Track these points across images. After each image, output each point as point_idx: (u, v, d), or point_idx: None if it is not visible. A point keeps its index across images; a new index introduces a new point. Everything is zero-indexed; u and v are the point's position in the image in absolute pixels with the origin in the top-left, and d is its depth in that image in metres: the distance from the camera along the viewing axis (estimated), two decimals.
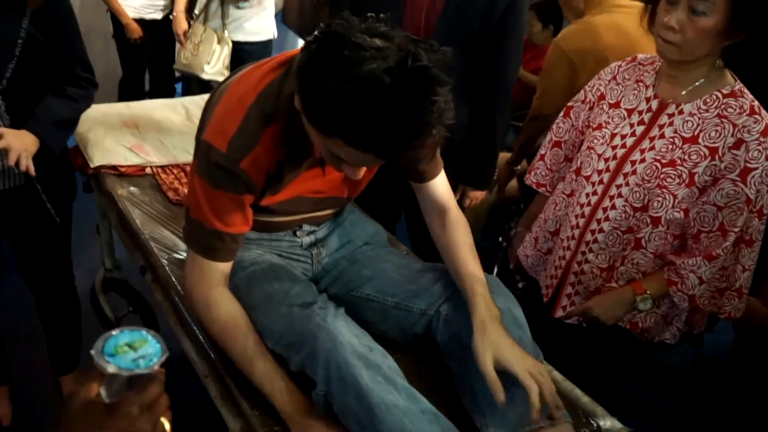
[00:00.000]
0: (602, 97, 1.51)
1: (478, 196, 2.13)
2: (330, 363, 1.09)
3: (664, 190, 1.36)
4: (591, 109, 1.55)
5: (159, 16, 3.29)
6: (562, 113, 1.65)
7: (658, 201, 1.37)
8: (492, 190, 2.67)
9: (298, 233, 1.43)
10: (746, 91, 1.34)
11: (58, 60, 1.60)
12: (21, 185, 1.67)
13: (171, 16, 3.18)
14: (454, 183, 2.05)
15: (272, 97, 1.13)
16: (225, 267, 1.25)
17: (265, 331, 1.22)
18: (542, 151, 1.69)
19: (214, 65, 2.98)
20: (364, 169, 1.09)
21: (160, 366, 0.69)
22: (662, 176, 1.35)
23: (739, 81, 1.36)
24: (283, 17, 4.53)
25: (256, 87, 1.14)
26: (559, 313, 1.59)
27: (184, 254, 1.65)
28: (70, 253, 1.97)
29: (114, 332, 0.69)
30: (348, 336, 1.13)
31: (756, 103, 1.32)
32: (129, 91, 3.46)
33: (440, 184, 1.40)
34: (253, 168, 1.15)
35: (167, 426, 0.70)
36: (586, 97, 1.58)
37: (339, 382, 1.09)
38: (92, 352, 0.67)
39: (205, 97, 2.43)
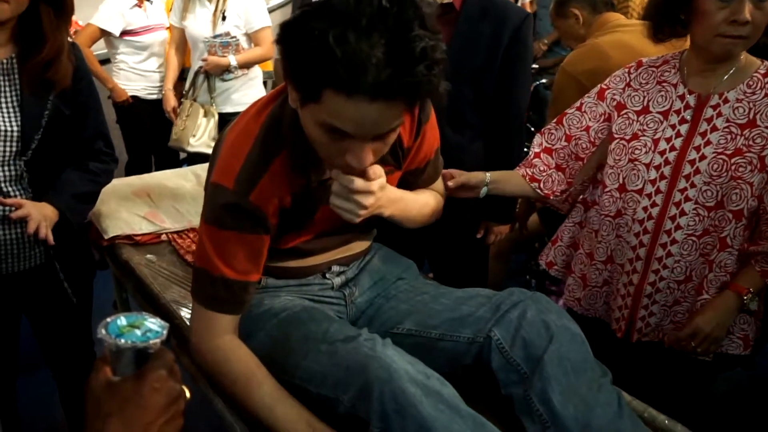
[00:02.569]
0: (622, 106, 1.47)
1: (502, 230, 2.07)
2: (385, 394, 1.00)
3: (739, 181, 1.30)
4: (608, 120, 1.51)
5: (158, 96, 3.33)
6: (555, 120, 1.61)
7: (736, 194, 1.31)
8: (513, 228, 2.61)
9: (327, 275, 1.37)
10: None
11: (80, 134, 1.61)
12: (40, 265, 1.63)
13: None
14: (476, 220, 2.01)
15: (274, 125, 1.11)
16: (233, 319, 1.18)
17: (307, 374, 1.13)
18: (536, 150, 1.62)
19: (200, 137, 3.00)
20: (371, 155, 1.00)
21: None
22: (733, 167, 1.30)
23: (764, 60, 1.34)
24: (273, 86, 4.61)
25: (257, 120, 1.13)
26: (636, 337, 1.50)
27: None
28: (91, 333, 1.91)
29: (109, 319, 0.70)
30: (402, 363, 1.04)
31: None
32: (136, 174, 3.46)
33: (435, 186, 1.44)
34: (264, 200, 1.11)
35: (187, 392, 0.72)
36: (581, 104, 1.54)
37: (397, 414, 0.99)
38: (99, 336, 0.67)
39: None
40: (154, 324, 0.71)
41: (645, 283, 1.45)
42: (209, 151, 2.96)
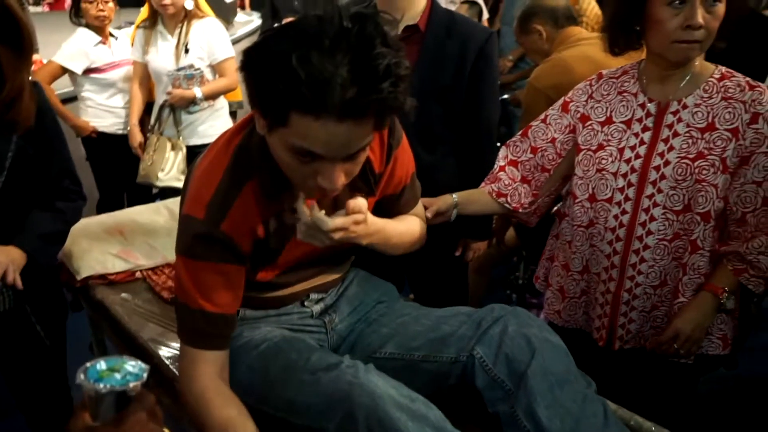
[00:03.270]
0: (586, 117, 1.50)
1: (480, 246, 2.07)
2: (370, 421, 0.99)
3: (704, 184, 1.33)
4: (572, 132, 1.52)
5: (126, 131, 3.30)
6: (520, 132, 1.63)
7: (702, 196, 1.33)
8: (491, 243, 2.62)
9: (306, 303, 1.35)
10: (729, 69, 1.36)
11: (46, 173, 1.58)
12: (9, 309, 1.59)
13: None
14: (454, 237, 2.01)
15: (243, 153, 1.11)
16: (218, 356, 1.14)
17: (291, 405, 1.11)
18: (501, 163, 1.64)
19: (168, 171, 2.98)
20: (342, 175, 1.00)
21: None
22: (696, 171, 1.33)
23: (717, 64, 1.38)
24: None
25: (226, 150, 1.12)
26: (618, 345, 1.51)
27: None
28: (66, 377, 1.85)
29: (89, 364, 0.69)
30: (385, 388, 1.03)
31: (745, 77, 1.34)
32: (109, 211, 3.41)
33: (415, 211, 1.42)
34: (235, 229, 1.09)
35: None
36: (546, 116, 1.56)
37: None
38: (78, 382, 0.67)
39: None
40: (133, 367, 0.70)
41: (622, 290, 1.46)
42: (179, 184, 2.94)
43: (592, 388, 1.18)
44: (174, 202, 2.39)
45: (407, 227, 1.34)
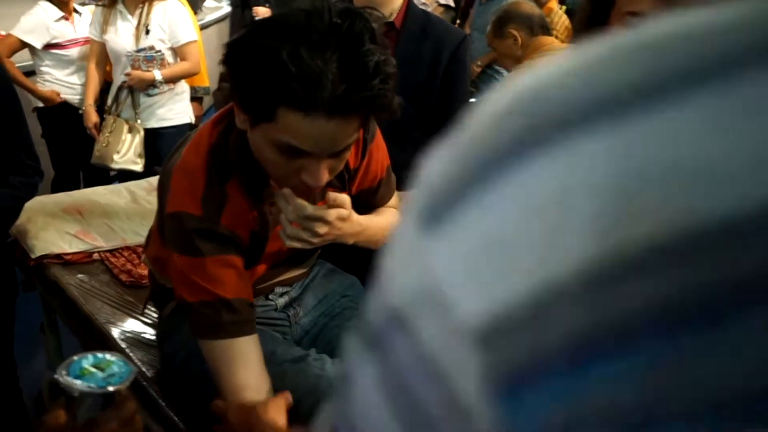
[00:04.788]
0: None
1: None
2: None
3: None
4: None
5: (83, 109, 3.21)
6: None
7: None
8: None
9: (270, 296, 1.34)
10: None
11: (1, 147, 1.52)
12: None
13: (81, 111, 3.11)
14: None
15: (221, 150, 1.08)
16: (250, 342, 1.07)
17: None
18: None
19: (124, 154, 2.90)
20: (327, 172, 0.99)
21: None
22: None
23: None
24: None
25: (206, 146, 1.09)
26: None
27: (148, 336, 1.53)
28: (13, 358, 1.80)
29: (76, 357, 0.66)
30: None
31: None
32: (64, 191, 3.31)
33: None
34: (235, 223, 1.07)
35: None
36: None
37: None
38: (57, 376, 0.64)
39: (149, 180, 2.37)
40: (120, 368, 0.67)
41: None
42: (135, 167, 2.87)
43: None
44: (135, 185, 2.35)
45: (388, 220, 1.35)
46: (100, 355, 0.68)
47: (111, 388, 0.64)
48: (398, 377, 0.23)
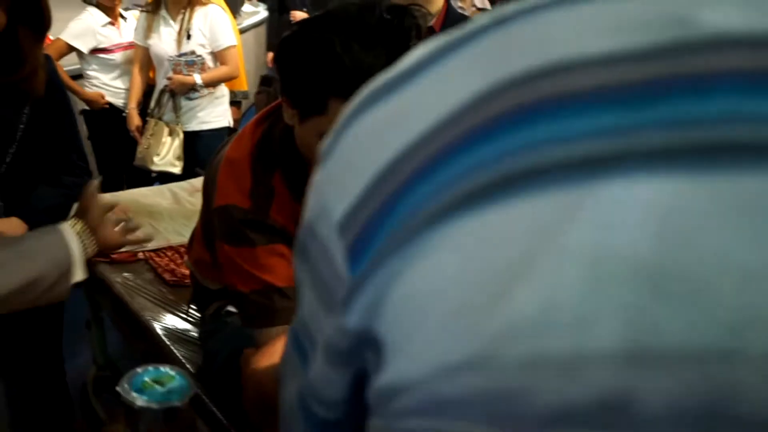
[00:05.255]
0: None
1: None
2: None
3: None
4: None
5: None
6: None
7: None
8: None
9: None
10: None
11: (54, 147, 1.58)
12: None
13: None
14: None
15: (267, 145, 1.10)
16: None
17: None
18: None
19: (164, 156, 2.98)
20: None
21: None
22: None
23: None
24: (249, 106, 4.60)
25: (251, 141, 1.12)
26: None
27: (193, 334, 1.57)
28: (61, 354, 1.85)
29: (139, 369, 0.68)
30: None
31: None
32: (108, 191, 3.39)
33: None
34: (283, 216, 1.08)
35: None
36: None
37: None
38: (119, 389, 0.65)
39: (191, 181, 2.42)
40: (178, 382, 0.67)
41: None
42: (174, 170, 2.95)
43: None
44: (178, 186, 2.40)
45: None
46: (162, 369, 0.69)
47: (172, 404, 0.65)
48: (313, 265, 0.35)
